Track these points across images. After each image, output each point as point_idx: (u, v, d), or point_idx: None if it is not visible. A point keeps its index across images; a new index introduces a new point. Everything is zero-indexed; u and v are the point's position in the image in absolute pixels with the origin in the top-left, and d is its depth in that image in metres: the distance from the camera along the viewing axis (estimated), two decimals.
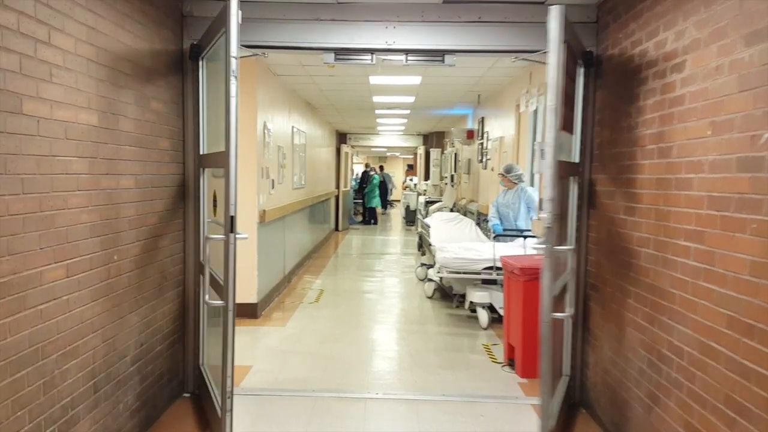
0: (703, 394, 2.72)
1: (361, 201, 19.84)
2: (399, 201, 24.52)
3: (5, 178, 2.34)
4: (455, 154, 12.63)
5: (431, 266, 8.08)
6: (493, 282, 6.48)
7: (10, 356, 2.39)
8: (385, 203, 19.92)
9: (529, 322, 4.84)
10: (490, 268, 6.33)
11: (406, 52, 4.30)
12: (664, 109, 3.18)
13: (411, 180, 25.00)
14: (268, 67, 7.04)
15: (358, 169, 24.95)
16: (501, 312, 6.29)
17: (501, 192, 7.15)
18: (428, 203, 13.52)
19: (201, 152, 4.12)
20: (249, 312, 6.50)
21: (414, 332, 6.27)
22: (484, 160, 9.55)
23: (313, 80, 8.04)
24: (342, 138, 17.59)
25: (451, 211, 11.12)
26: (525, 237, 6.40)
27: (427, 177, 17.33)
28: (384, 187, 21.12)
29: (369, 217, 19.18)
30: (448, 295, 7.59)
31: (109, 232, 3.16)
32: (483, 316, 6.38)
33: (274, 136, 7.36)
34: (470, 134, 10.89)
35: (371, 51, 4.29)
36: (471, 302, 6.54)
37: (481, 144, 9.83)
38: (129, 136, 3.37)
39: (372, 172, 20.18)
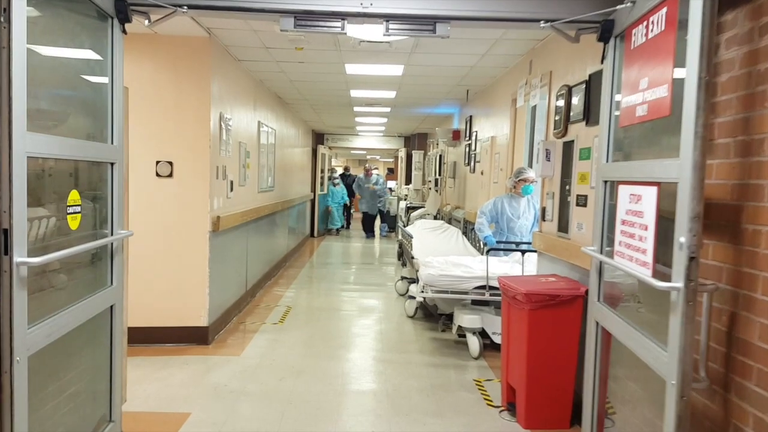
0: None
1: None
2: None
3: None
4: (440, 156, 11.70)
5: (413, 280, 7.14)
6: (485, 303, 5.55)
7: None
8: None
9: (535, 361, 3.92)
10: (483, 287, 5.39)
11: (387, 18, 3.33)
12: (748, 87, 2.27)
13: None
14: (225, 49, 6.03)
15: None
16: (494, 338, 5.38)
17: (500, 199, 6.20)
18: (410, 209, 12.59)
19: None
20: (198, 337, 5.47)
21: (393, 363, 5.30)
22: (472, 162, 8.64)
23: (281, 68, 7.04)
24: (319, 138, 16.57)
25: (435, 218, 10.21)
26: (523, 252, 5.48)
27: (408, 181, 16.36)
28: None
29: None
30: (431, 314, 6.65)
31: None
32: (474, 343, 5.44)
33: (234, 131, 6.35)
34: (456, 135, 9.99)
35: (342, 16, 3.31)
36: (459, 326, 5.60)
37: (469, 145, 8.92)
38: None
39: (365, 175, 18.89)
